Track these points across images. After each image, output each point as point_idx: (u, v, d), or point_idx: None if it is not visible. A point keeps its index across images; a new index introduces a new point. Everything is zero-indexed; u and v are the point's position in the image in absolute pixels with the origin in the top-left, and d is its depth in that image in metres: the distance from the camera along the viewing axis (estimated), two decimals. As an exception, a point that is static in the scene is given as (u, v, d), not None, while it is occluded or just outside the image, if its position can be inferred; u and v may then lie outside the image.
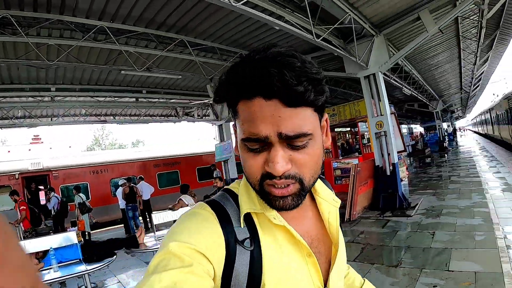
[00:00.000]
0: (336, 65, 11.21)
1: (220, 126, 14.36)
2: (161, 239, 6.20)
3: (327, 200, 0.92)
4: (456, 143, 31.84)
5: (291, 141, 0.70)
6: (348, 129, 18.45)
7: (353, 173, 8.54)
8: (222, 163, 13.90)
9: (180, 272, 0.63)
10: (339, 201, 0.95)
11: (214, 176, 13.97)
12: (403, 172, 9.60)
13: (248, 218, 0.81)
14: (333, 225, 0.89)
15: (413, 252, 5.42)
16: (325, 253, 0.88)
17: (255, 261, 0.76)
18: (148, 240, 5.72)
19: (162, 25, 7.48)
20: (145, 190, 12.75)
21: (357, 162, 11.74)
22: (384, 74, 9.77)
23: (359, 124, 14.03)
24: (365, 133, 14.70)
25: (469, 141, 39.00)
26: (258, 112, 0.69)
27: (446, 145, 28.30)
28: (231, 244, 0.75)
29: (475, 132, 66.13)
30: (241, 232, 0.78)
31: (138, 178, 13.72)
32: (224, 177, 13.58)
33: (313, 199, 0.93)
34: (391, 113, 10.04)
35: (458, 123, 54.85)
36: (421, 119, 35.54)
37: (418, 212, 7.97)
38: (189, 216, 0.78)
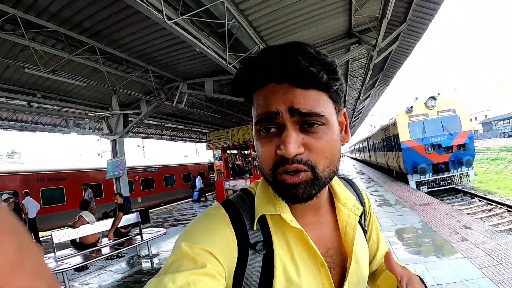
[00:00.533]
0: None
1: (113, 141, 13.60)
2: (64, 260, 5.99)
3: (347, 206, 0.89)
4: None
5: (304, 120, 0.70)
6: (236, 151, 19.32)
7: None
8: (114, 180, 13.14)
9: (194, 273, 0.65)
10: (360, 208, 0.90)
11: (89, 197, 13.33)
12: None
13: (263, 220, 0.81)
14: (349, 235, 0.86)
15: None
16: (340, 264, 0.86)
17: (267, 265, 0.76)
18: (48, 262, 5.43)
19: (76, 26, 6.99)
20: (31, 206, 11.48)
21: (249, 183, 12.51)
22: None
23: (251, 147, 15.00)
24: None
25: (347, 166, 44.57)
26: (270, 94, 0.71)
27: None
28: (244, 247, 0.76)
29: (352, 158, 74.22)
30: (254, 235, 0.78)
31: (23, 193, 12.01)
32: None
33: (333, 205, 0.91)
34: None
35: None
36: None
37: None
38: (203, 217, 0.80)
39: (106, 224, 7.31)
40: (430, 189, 15.73)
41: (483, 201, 12.87)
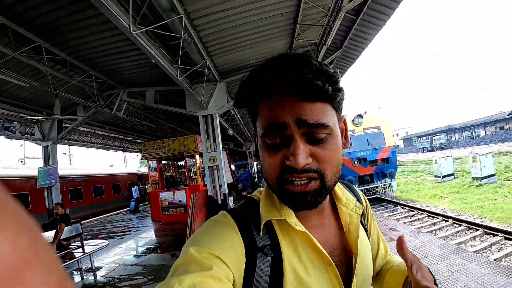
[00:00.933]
0: (176, 101, 11.84)
1: (46, 148, 12.66)
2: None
3: (348, 207, 0.92)
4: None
5: (311, 132, 0.72)
6: (171, 162, 19.20)
7: (192, 202, 9.29)
8: (45, 189, 12.25)
9: (200, 275, 0.65)
10: (361, 207, 0.93)
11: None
12: (231, 201, 10.84)
13: (269, 226, 0.83)
14: (353, 234, 0.89)
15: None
16: (346, 262, 0.88)
17: (275, 268, 0.77)
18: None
19: (27, 22, 6.50)
20: None
21: (185, 194, 12.60)
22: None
23: (186, 158, 15.05)
24: (192, 167, 15.72)
25: None
26: (277, 106, 0.72)
27: (257, 181, 31.80)
28: (251, 251, 0.77)
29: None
30: (261, 239, 0.80)
31: None
32: (47, 206, 12.17)
33: (335, 206, 0.94)
34: (223, 150, 11.34)
35: None
36: (232, 158, 38.79)
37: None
38: (210, 224, 0.82)
39: (48, 237, 6.88)
40: (357, 199, 16.97)
41: (405, 208, 14.32)
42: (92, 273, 7.08)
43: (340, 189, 0.95)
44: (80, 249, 7.19)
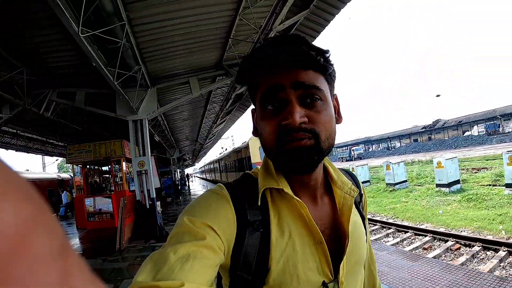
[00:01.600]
0: (105, 104, 11.43)
1: None
2: None
3: (343, 189, 0.92)
4: (188, 186, 36.02)
5: (306, 94, 0.79)
6: (96, 167, 18.66)
7: (121, 206, 9.33)
8: None
9: (194, 244, 0.68)
10: (356, 190, 0.93)
11: None
12: (159, 206, 11.00)
13: (263, 200, 0.84)
14: (345, 215, 0.89)
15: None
16: (337, 243, 0.88)
17: (263, 243, 0.79)
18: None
19: None
20: None
21: (111, 200, 12.48)
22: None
23: (113, 163, 14.79)
24: (118, 172, 15.48)
25: (197, 186, 46.00)
26: (275, 74, 0.79)
27: (180, 188, 31.61)
28: (242, 224, 0.79)
29: (202, 178, 75.21)
30: (253, 214, 0.81)
31: None
32: None
33: (330, 189, 0.95)
34: (152, 155, 11.47)
35: (187, 170, 61.59)
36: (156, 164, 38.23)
37: (177, 237, 9.55)
38: (205, 195, 0.84)
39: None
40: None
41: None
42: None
43: (335, 172, 0.97)
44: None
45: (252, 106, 0.92)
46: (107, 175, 18.97)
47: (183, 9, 6.88)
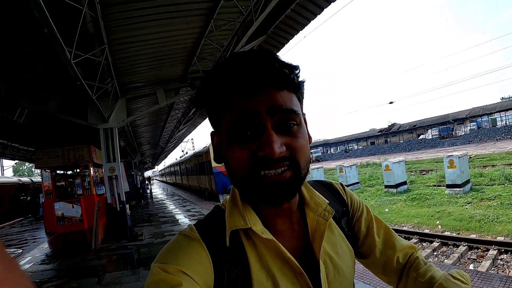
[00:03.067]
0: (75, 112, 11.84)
1: None
2: None
3: (316, 211, 0.86)
4: (150, 190, 36.25)
5: (283, 120, 0.72)
6: (62, 172, 18.85)
7: (96, 209, 10.01)
8: None
9: None
10: (331, 212, 0.86)
11: None
12: (128, 209, 11.74)
13: (236, 235, 0.80)
14: (317, 241, 0.84)
15: (152, 260, 7.74)
16: (316, 271, 0.82)
17: (244, 280, 0.76)
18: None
19: None
20: None
21: (80, 204, 13.03)
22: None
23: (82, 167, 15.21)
24: (86, 177, 15.92)
25: (158, 188, 46.83)
26: (249, 95, 0.71)
27: (142, 192, 31.82)
28: (218, 264, 0.75)
29: (162, 181, 75.40)
30: (228, 252, 0.77)
31: None
32: None
33: (304, 210, 0.89)
34: (121, 161, 12.20)
35: (146, 173, 61.16)
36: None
37: (147, 237, 10.45)
38: (175, 239, 0.80)
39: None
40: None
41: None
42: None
43: (308, 192, 0.90)
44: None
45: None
46: (72, 180, 19.21)
47: (156, 32, 7.76)
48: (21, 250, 8.16)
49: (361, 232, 1.00)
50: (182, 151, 54.49)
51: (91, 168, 15.04)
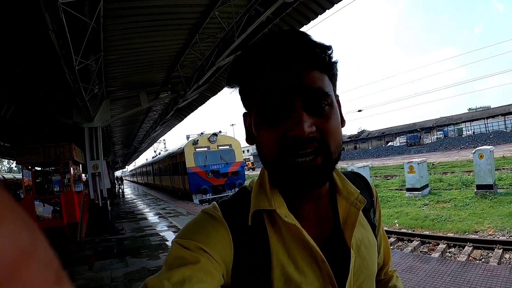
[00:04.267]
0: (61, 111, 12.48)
1: None
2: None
3: (349, 200, 0.84)
4: (122, 190, 36.38)
5: (313, 101, 0.70)
6: (40, 168, 18.97)
7: (82, 204, 10.58)
8: None
9: (188, 269, 0.66)
10: (363, 202, 0.83)
11: None
12: (109, 205, 12.36)
13: (259, 217, 0.79)
14: (348, 230, 0.82)
15: (137, 250, 8.44)
16: (343, 260, 0.81)
17: (263, 262, 0.75)
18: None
19: None
20: None
21: (60, 200, 13.41)
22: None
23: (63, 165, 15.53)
24: (66, 174, 16.23)
25: (129, 189, 47.16)
26: (277, 77, 0.70)
27: (114, 191, 32.07)
28: (239, 244, 0.76)
29: (132, 181, 74.23)
30: (250, 233, 0.77)
31: None
32: None
33: (334, 198, 0.87)
34: (104, 159, 12.78)
35: (117, 173, 60.37)
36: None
37: (128, 231, 11.16)
38: (198, 217, 0.81)
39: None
40: (211, 205, 20.55)
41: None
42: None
43: (340, 180, 0.88)
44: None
45: (243, 109, 0.84)
46: (50, 176, 19.34)
47: (146, 41, 8.53)
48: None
49: (378, 234, 0.99)
50: (155, 151, 54.06)
51: (71, 165, 15.38)
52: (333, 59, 0.76)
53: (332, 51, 0.74)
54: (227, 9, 7.41)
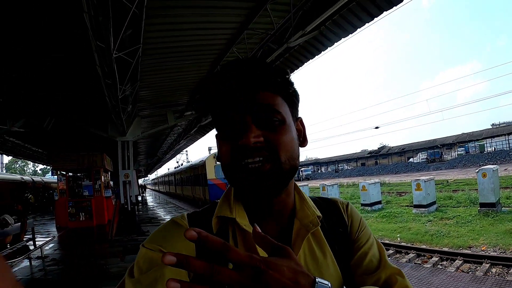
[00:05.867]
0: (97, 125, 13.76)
1: None
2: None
3: (302, 222, 0.85)
4: (145, 197, 37.55)
5: (263, 117, 0.74)
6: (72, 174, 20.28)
7: (115, 207, 11.90)
8: None
9: (156, 271, 0.70)
10: (316, 225, 0.84)
11: None
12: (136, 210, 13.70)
13: (224, 227, 0.83)
14: (295, 251, 0.81)
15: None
16: None
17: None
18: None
19: None
20: None
21: (91, 203, 14.80)
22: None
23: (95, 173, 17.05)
24: (97, 181, 17.64)
25: (150, 197, 47.40)
26: (231, 97, 0.75)
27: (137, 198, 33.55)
28: (200, 249, 0.70)
29: (153, 189, 76.24)
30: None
31: None
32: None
33: (293, 219, 0.87)
34: (134, 169, 14.21)
35: (139, 181, 60.43)
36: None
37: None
38: (165, 224, 0.86)
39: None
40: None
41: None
42: (41, 260, 9.08)
43: (301, 202, 0.89)
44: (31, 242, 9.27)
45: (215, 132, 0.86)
46: (81, 182, 20.60)
47: (173, 72, 9.92)
48: (53, 236, 10.23)
49: (358, 266, 0.88)
50: (177, 162, 54.56)
51: (103, 173, 16.83)
52: (287, 80, 0.81)
53: (284, 75, 0.80)
54: (243, 46, 8.59)
